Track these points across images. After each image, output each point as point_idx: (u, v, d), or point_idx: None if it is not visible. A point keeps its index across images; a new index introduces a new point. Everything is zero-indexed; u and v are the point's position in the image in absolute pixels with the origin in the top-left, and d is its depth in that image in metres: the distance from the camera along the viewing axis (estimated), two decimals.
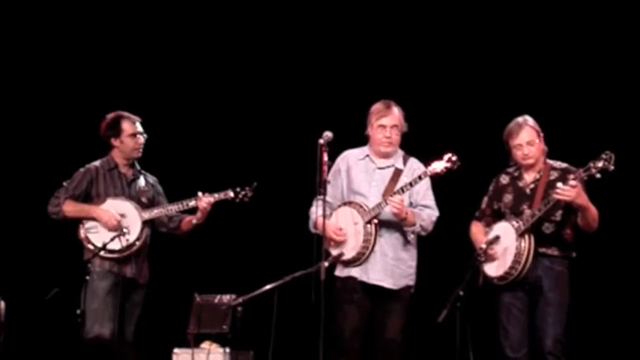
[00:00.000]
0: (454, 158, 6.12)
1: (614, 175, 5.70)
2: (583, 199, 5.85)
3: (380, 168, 6.39)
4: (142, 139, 6.75)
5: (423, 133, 6.67)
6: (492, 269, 6.08)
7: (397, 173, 6.32)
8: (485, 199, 6.31)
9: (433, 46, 8.01)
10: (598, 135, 7.22)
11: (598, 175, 5.72)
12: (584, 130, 7.46)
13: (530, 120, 6.13)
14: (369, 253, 6.25)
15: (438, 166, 6.13)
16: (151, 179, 6.90)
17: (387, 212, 6.22)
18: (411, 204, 6.31)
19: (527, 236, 5.97)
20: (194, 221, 6.73)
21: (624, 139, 7.14)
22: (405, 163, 6.37)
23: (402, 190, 6.18)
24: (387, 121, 6.35)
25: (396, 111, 6.37)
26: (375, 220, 6.23)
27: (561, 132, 6.91)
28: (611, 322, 7.46)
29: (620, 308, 7.45)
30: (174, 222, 6.81)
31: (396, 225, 6.28)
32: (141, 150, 6.76)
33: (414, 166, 6.35)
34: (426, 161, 6.26)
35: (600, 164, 5.70)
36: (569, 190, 5.78)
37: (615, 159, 5.67)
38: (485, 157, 6.64)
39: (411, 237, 6.33)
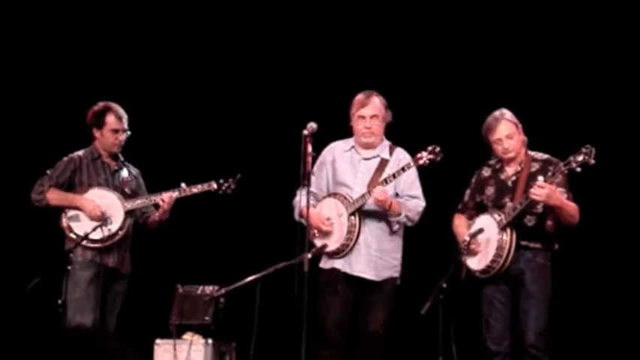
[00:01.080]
0: (437, 150, 6.12)
1: (596, 167, 5.70)
2: (556, 200, 5.84)
3: (365, 159, 6.37)
4: (123, 136, 6.70)
5: (407, 123, 6.67)
6: (475, 262, 6.09)
7: (383, 164, 6.31)
8: (468, 191, 6.31)
9: (417, 37, 8.01)
10: (580, 126, 7.24)
11: (578, 169, 5.72)
12: (567, 121, 7.48)
13: (507, 113, 6.12)
14: (353, 245, 6.24)
15: (422, 157, 6.13)
16: (134, 171, 6.88)
17: (372, 203, 6.21)
18: (397, 194, 6.31)
19: (509, 229, 5.97)
20: (156, 218, 6.71)
21: (606, 131, 7.16)
22: (391, 153, 6.35)
23: (386, 181, 6.17)
24: (366, 111, 6.33)
25: (377, 101, 6.34)
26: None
27: (543, 123, 6.94)
28: (594, 315, 7.48)
29: (603, 300, 7.47)
30: (142, 218, 6.79)
31: (381, 216, 6.28)
32: (120, 146, 6.72)
33: (400, 156, 6.33)
34: (411, 152, 6.27)
35: (580, 158, 5.70)
36: (538, 191, 5.77)
37: (596, 152, 5.67)
38: (469, 148, 6.63)
39: (396, 227, 6.31)
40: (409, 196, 6.31)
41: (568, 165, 5.75)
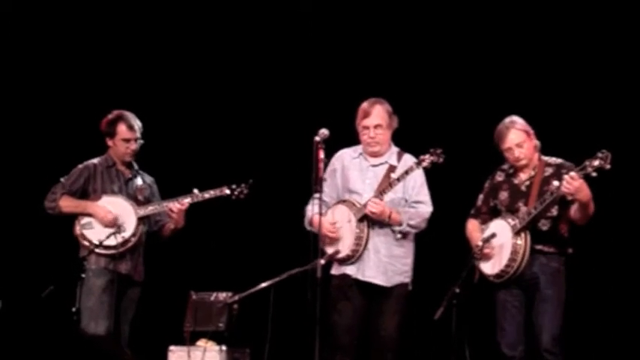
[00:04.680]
0: (439, 151, 6.11)
1: (611, 171, 5.68)
2: (584, 197, 5.78)
3: (373, 165, 6.36)
4: (135, 145, 6.70)
5: (418, 129, 6.66)
6: (488, 267, 6.08)
7: (391, 170, 6.29)
8: (481, 196, 6.31)
9: (428, 42, 8.02)
10: (595, 131, 7.22)
11: (594, 174, 5.70)
12: (580, 126, 7.47)
13: (517, 121, 6.10)
14: (362, 251, 6.24)
15: (424, 159, 6.13)
16: (148, 179, 6.89)
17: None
18: (405, 200, 6.31)
19: (523, 234, 5.96)
20: (171, 226, 6.72)
21: (620, 135, 7.15)
22: (399, 159, 6.34)
23: (391, 185, 6.17)
24: (369, 121, 6.32)
25: (380, 109, 6.31)
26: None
27: (558, 128, 6.93)
28: (608, 319, 7.46)
29: (616, 304, 7.45)
30: (158, 225, 6.80)
31: None
32: (133, 155, 6.72)
33: (409, 162, 6.30)
34: (417, 157, 6.26)
35: (596, 163, 5.68)
36: (569, 183, 5.73)
37: (612, 157, 5.65)
38: (482, 153, 6.63)
39: (399, 236, 6.30)
40: (415, 202, 6.30)
41: (584, 169, 5.73)
